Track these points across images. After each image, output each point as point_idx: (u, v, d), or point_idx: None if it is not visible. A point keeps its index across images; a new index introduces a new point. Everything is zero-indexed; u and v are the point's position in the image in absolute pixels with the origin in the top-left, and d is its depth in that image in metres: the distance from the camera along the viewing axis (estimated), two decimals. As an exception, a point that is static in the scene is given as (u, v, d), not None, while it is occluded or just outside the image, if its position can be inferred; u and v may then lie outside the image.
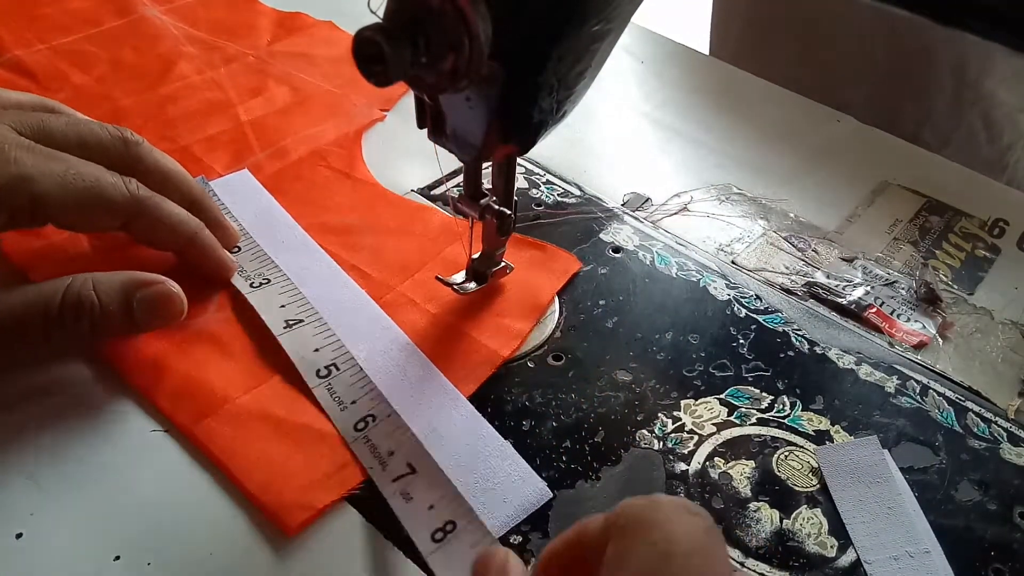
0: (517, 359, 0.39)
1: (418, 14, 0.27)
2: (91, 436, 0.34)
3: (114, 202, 0.35)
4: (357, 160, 0.50)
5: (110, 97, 0.53)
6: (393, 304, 0.41)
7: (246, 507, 0.32)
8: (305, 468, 0.33)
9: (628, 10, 0.34)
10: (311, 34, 0.62)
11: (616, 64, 0.62)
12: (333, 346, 0.37)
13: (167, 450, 0.34)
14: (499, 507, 0.32)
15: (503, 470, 0.34)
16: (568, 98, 0.34)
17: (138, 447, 0.34)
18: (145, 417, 0.35)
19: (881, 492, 0.34)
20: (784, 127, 0.58)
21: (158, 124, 0.51)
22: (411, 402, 0.36)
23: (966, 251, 0.49)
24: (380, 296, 0.41)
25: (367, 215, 0.46)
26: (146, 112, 0.52)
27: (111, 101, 0.52)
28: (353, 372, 0.36)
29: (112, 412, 0.35)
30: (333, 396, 0.35)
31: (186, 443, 0.34)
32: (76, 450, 0.33)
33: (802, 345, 0.41)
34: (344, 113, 0.54)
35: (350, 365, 0.37)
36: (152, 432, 0.34)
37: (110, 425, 0.34)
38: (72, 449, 0.33)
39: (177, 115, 0.52)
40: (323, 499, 0.32)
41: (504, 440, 0.35)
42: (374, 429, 0.34)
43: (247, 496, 0.32)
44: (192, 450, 0.34)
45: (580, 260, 0.45)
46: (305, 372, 0.36)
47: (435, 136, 0.35)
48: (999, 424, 0.38)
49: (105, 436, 0.34)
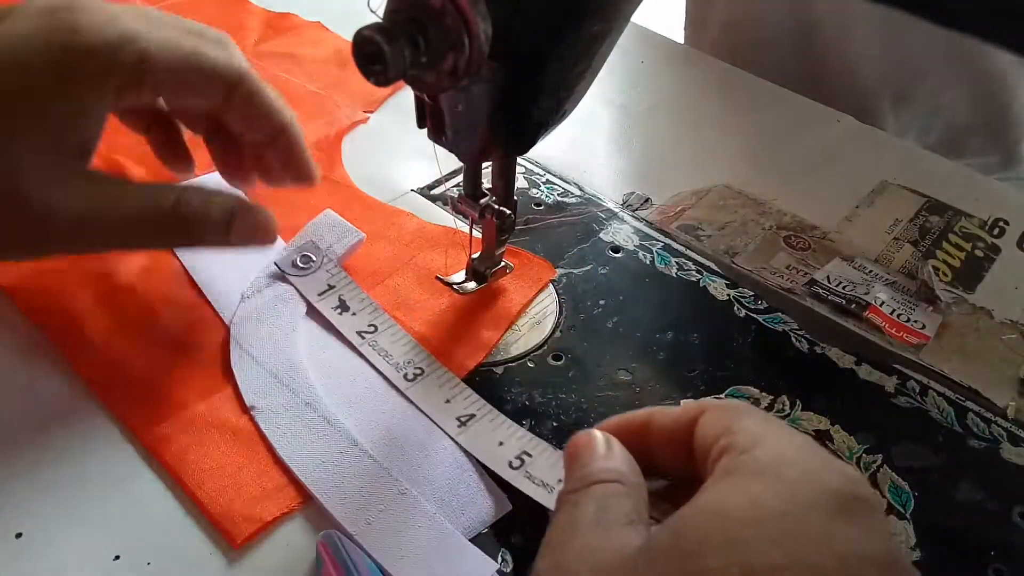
0: (517, 359, 0.39)
1: (418, 14, 0.27)
2: (92, 435, 0.34)
3: (217, 66, 0.34)
4: (336, 163, 0.50)
5: None
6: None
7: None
8: (257, 479, 0.33)
9: (628, 10, 0.34)
10: (298, 34, 0.62)
11: (616, 64, 0.62)
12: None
13: (167, 450, 0.34)
14: (458, 518, 0.32)
15: (463, 481, 0.33)
16: (568, 98, 0.34)
17: (139, 447, 0.34)
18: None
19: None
20: (784, 127, 0.58)
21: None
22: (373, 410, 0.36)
23: (966, 251, 0.49)
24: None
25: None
26: None
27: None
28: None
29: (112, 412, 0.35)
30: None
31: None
32: (76, 450, 0.33)
33: (802, 345, 0.41)
34: (326, 115, 0.54)
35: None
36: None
37: (110, 424, 0.34)
38: (72, 449, 0.33)
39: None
40: (272, 511, 0.32)
41: (464, 452, 0.34)
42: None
43: (197, 504, 0.32)
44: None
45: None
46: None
47: (435, 136, 0.35)
48: (999, 424, 0.38)
49: (106, 435, 0.34)
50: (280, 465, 0.33)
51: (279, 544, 0.31)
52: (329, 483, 0.32)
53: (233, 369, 0.36)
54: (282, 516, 0.32)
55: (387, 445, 0.34)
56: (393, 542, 0.31)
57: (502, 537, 0.32)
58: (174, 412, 0.35)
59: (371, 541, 0.31)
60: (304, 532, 0.32)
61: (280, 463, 0.33)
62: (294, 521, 0.32)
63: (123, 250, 0.36)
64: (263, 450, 0.34)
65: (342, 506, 0.32)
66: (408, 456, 0.34)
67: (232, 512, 0.31)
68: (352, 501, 0.32)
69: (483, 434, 0.35)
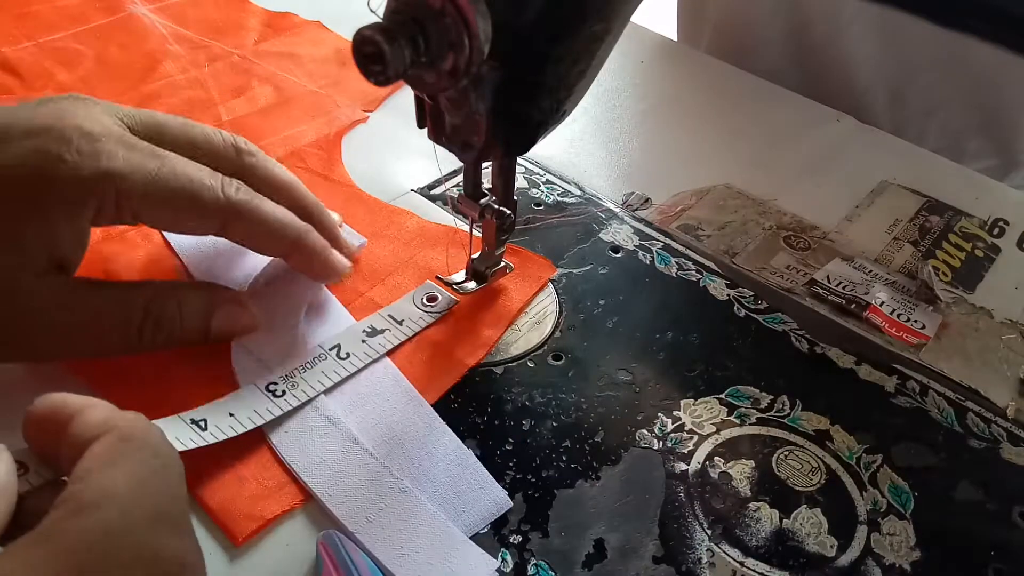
0: (517, 359, 0.39)
1: (418, 14, 0.28)
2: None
3: (206, 206, 0.34)
4: (336, 162, 0.50)
5: (94, 95, 0.52)
6: (361, 310, 0.40)
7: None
8: (258, 476, 0.33)
9: (627, 10, 0.34)
10: (298, 33, 0.62)
11: (616, 64, 0.62)
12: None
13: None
14: (459, 516, 0.32)
15: (464, 479, 0.33)
16: (568, 98, 0.34)
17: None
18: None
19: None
20: (784, 127, 0.58)
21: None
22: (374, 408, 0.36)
23: (966, 251, 0.49)
24: (349, 302, 0.40)
25: (341, 218, 0.45)
26: None
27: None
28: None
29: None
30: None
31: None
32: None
33: (802, 345, 0.41)
34: (326, 114, 0.54)
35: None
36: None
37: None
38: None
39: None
40: (273, 509, 0.32)
41: (466, 449, 0.35)
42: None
43: (198, 502, 0.32)
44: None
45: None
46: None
47: (435, 136, 0.35)
48: (999, 424, 0.38)
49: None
50: (281, 463, 0.33)
51: (279, 543, 0.31)
52: (329, 481, 0.32)
53: (234, 368, 0.36)
54: (283, 514, 0.32)
55: (387, 443, 0.34)
56: (393, 540, 0.31)
57: (502, 536, 0.32)
58: (175, 410, 0.34)
59: (371, 539, 0.31)
60: (304, 531, 0.32)
61: (281, 461, 0.33)
62: (294, 520, 0.32)
63: (95, 357, 0.36)
64: (264, 448, 0.34)
65: (342, 504, 0.32)
66: (409, 454, 0.34)
67: (233, 510, 0.31)
68: (352, 499, 0.32)
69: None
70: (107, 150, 0.32)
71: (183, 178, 0.33)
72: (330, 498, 0.32)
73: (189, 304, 0.35)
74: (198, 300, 0.36)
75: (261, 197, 0.36)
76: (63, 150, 0.31)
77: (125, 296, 0.35)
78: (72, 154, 0.31)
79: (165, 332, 0.35)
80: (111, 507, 0.22)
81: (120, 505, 0.22)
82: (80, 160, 0.31)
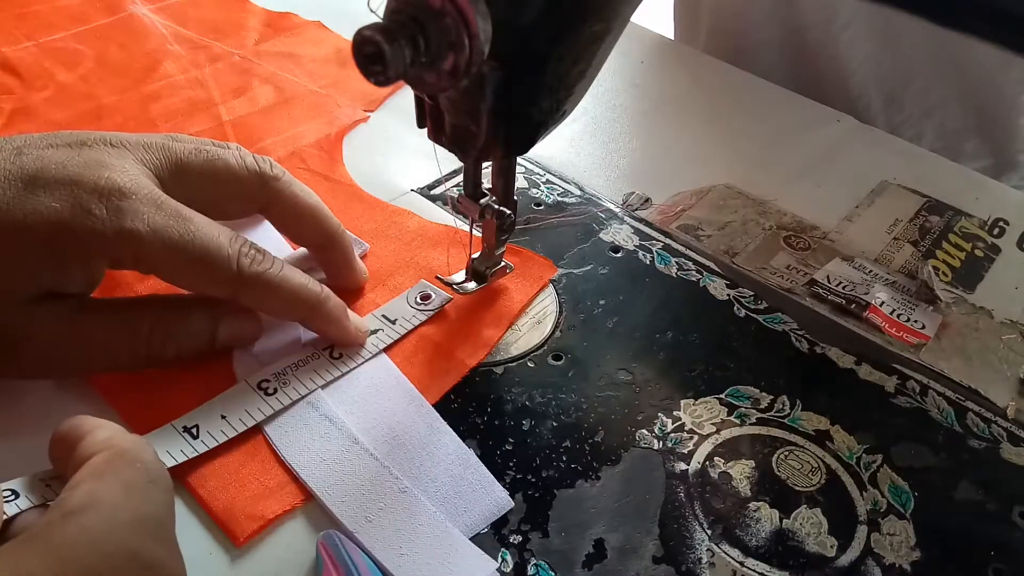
0: (517, 359, 0.39)
1: (418, 13, 0.27)
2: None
3: (219, 276, 0.34)
4: (337, 162, 0.50)
5: (93, 95, 0.53)
6: (361, 310, 0.40)
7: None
8: (259, 476, 0.33)
9: (627, 10, 0.34)
10: (299, 34, 0.62)
11: (616, 64, 0.62)
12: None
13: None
14: (460, 516, 0.32)
15: (465, 479, 0.33)
16: (568, 98, 0.34)
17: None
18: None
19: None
20: (784, 127, 0.58)
21: (139, 122, 0.51)
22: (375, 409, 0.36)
23: (966, 251, 0.49)
24: (350, 303, 0.40)
25: (342, 218, 0.44)
26: (128, 111, 0.52)
27: (94, 99, 0.52)
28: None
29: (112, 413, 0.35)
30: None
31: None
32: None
33: (802, 345, 0.41)
34: (326, 114, 0.54)
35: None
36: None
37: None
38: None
39: (158, 114, 0.52)
40: (274, 509, 0.32)
41: (468, 449, 0.35)
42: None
43: (199, 502, 0.32)
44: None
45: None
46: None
47: (435, 136, 0.35)
48: (999, 424, 0.38)
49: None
50: (281, 463, 0.33)
51: (279, 543, 0.31)
52: (329, 481, 0.33)
53: (234, 368, 0.36)
54: (284, 514, 0.32)
55: (388, 443, 0.34)
56: (393, 540, 0.31)
57: (502, 536, 0.32)
58: (176, 410, 0.35)
59: (371, 539, 0.31)
60: (304, 531, 0.32)
61: (281, 461, 0.33)
62: (295, 520, 0.32)
63: (107, 372, 0.36)
64: (264, 448, 0.34)
65: (342, 504, 0.32)
66: (409, 454, 0.34)
67: (234, 510, 0.31)
68: (352, 499, 0.32)
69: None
70: (134, 209, 0.32)
71: (200, 248, 0.33)
72: (330, 498, 0.32)
73: (195, 317, 0.36)
74: (203, 312, 0.36)
75: (277, 264, 0.36)
76: (92, 205, 0.32)
77: (131, 315, 0.35)
78: (100, 209, 0.32)
79: (173, 347, 0.35)
80: (95, 512, 0.24)
81: (104, 510, 0.24)
82: (106, 216, 0.32)
